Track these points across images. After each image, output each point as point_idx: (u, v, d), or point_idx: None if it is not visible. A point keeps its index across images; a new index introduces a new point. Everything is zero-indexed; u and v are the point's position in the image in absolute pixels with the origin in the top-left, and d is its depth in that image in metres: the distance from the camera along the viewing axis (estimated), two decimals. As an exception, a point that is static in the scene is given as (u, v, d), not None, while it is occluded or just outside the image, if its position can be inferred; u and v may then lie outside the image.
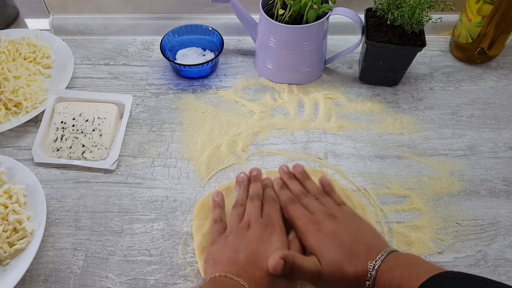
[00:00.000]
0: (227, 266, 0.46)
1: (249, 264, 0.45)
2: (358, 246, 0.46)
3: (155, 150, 0.65)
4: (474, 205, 0.59)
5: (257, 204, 0.53)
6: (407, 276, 0.40)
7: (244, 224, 0.51)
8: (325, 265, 0.45)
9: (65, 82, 0.70)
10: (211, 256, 0.49)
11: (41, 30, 0.77)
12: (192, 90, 0.72)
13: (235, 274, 0.44)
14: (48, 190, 0.61)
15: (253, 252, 0.47)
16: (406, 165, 0.63)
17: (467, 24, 0.71)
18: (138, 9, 0.80)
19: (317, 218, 0.50)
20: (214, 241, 0.51)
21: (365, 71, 0.71)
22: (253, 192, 0.55)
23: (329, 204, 0.53)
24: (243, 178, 0.58)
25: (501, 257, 0.54)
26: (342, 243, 0.47)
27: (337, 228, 0.48)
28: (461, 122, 0.68)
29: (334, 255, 0.46)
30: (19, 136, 0.67)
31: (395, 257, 0.44)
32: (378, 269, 0.43)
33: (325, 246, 0.47)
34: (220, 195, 0.57)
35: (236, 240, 0.49)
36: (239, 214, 0.53)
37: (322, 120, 0.68)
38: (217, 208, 0.56)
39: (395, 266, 0.43)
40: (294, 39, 0.66)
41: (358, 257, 0.45)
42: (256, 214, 0.52)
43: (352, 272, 0.44)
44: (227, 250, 0.48)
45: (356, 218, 0.52)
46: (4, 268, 0.52)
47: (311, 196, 0.54)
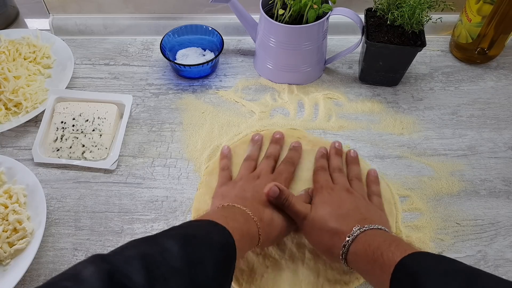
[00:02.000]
0: (235, 199, 0.51)
1: (253, 200, 0.50)
2: (355, 213, 0.48)
3: (155, 150, 0.65)
4: (474, 205, 0.59)
5: (271, 163, 0.58)
6: (388, 243, 0.41)
7: (254, 175, 0.56)
8: (314, 213, 0.49)
9: (65, 82, 0.70)
10: (220, 193, 0.54)
11: (41, 30, 0.77)
12: (192, 90, 0.72)
13: (242, 205, 0.48)
14: (48, 190, 0.61)
15: (258, 193, 0.51)
16: (406, 165, 0.63)
17: (467, 24, 0.71)
18: (138, 9, 0.80)
19: (334, 187, 0.53)
20: (223, 183, 0.56)
21: (365, 71, 0.71)
22: (270, 152, 0.60)
23: (357, 186, 0.55)
24: (258, 138, 0.62)
25: (501, 257, 0.54)
26: (340, 206, 0.49)
27: (346, 198, 0.51)
28: (461, 122, 0.68)
29: (327, 209, 0.49)
30: (19, 136, 0.67)
31: (384, 232, 0.45)
32: (362, 232, 0.45)
33: (324, 202, 0.50)
34: (228, 149, 0.62)
35: (245, 184, 0.54)
36: (250, 166, 0.58)
37: (322, 120, 0.68)
38: (225, 159, 0.61)
39: (380, 234, 0.44)
40: (294, 39, 0.66)
41: (348, 219, 0.47)
42: (268, 170, 0.56)
43: (335, 226, 0.47)
44: (236, 189, 0.53)
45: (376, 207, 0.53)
46: (4, 268, 0.52)
47: (345, 175, 0.57)
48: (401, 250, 0.40)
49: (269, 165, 0.57)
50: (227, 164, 0.60)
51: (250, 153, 0.60)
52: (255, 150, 0.61)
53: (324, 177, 0.55)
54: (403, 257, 0.39)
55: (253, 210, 0.48)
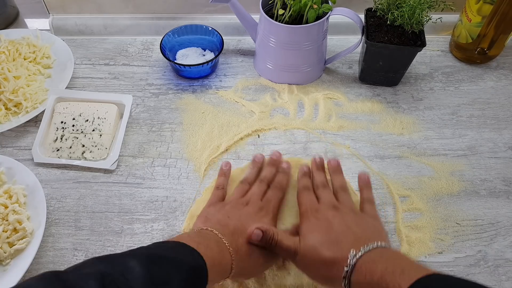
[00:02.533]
0: (216, 225, 0.48)
1: (235, 231, 0.48)
2: (347, 235, 0.45)
3: (155, 150, 0.65)
4: (474, 205, 0.59)
5: (263, 188, 0.55)
6: (391, 270, 0.39)
7: (243, 201, 0.53)
8: (303, 245, 0.46)
9: (65, 82, 0.70)
10: (204, 214, 0.52)
11: (41, 30, 0.77)
12: (192, 90, 0.72)
13: (220, 233, 0.46)
14: (48, 190, 0.61)
15: (242, 224, 0.49)
16: (406, 165, 0.63)
17: (467, 24, 0.71)
18: (138, 9, 0.80)
19: (319, 207, 0.50)
20: (211, 204, 0.54)
21: (365, 71, 0.71)
22: (264, 175, 0.57)
23: (343, 199, 0.52)
24: (259, 159, 0.59)
25: (501, 257, 0.54)
26: (329, 230, 0.46)
27: (333, 217, 0.48)
28: (461, 122, 0.68)
29: (316, 238, 0.46)
30: (19, 136, 0.67)
31: (382, 251, 0.43)
32: (359, 258, 0.42)
33: (312, 229, 0.47)
34: (228, 165, 0.59)
35: (231, 210, 0.51)
36: (243, 190, 0.55)
37: (322, 120, 0.68)
38: (222, 176, 0.58)
39: (380, 259, 0.41)
40: (294, 39, 0.66)
41: (340, 244, 0.44)
42: (258, 196, 0.54)
43: (329, 256, 0.44)
44: (221, 214, 0.50)
45: (367, 216, 0.50)
46: (4, 268, 0.52)
47: (330, 189, 0.54)
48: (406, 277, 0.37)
49: (261, 189, 0.54)
50: (222, 183, 0.57)
51: (247, 176, 0.57)
52: (253, 173, 0.58)
53: (308, 198, 0.52)
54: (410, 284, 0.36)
55: (232, 240, 0.46)
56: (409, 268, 0.39)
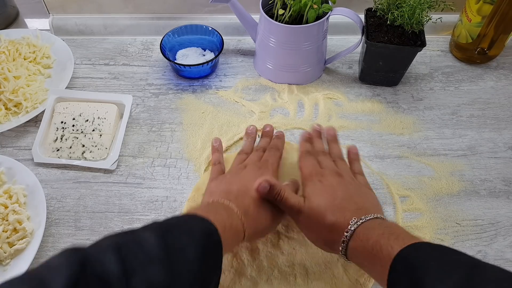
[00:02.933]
0: (221, 195, 0.49)
1: (239, 193, 0.49)
2: (349, 203, 0.47)
3: (155, 150, 0.65)
4: (474, 205, 0.59)
5: (259, 154, 0.57)
6: (386, 235, 0.41)
7: (242, 165, 0.55)
8: (308, 206, 0.47)
9: (65, 82, 0.70)
10: (209, 190, 0.53)
11: (41, 30, 0.77)
12: (192, 90, 0.72)
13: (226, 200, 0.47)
14: (48, 190, 0.61)
15: (244, 185, 0.50)
16: (406, 165, 0.63)
17: (467, 24, 0.71)
18: (138, 9, 0.80)
19: (323, 172, 0.51)
20: (213, 179, 0.55)
21: (365, 71, 0.71)
22: (259, 145, 0.59)
23: (343, 167, 0.54)
24: (252, 130, 0.62)
25: (501, 257, 0.54)
26: (334, 195, 0.48)
27: (338, 184, 0.49)
28: (461, 122, 0.68)
29: (321, 201, 0.47)
30: (19, 136, 0.67)
31: (380, 221, 0.45)
32: (359, 225, 0.44)
33: (316, 193, 0.48)
34: (218, 141, 0.62)
35: (232, 177, 0.53)
36: (242, 159, 0.57)
37: (322, 120, 0.68)
38: (216, 152, 0.60)
39: (378, 226, 0.43)
40: (294, 39, 0.66)
41: (343, 211, 0.46)
42: (255, 160, 0.55)
43: (332, 220, 0.45)
44: (223, 184, 0.52)
45: (364, 186, 0.52)
46: (4, 268, 0.52)
47: (330, 157, 0.56)
48: (400, 242, 0.40)
49: (258, 155, 0.56)
50: (218, 158, 0.59)
51: (243, 147, 0.60)
52: (249, 143, 0.60)
53: (311, 162, 0.53)
54: (401, 249, 0.39)
55: (238, 203, 0.47)
56: (404, 235, 0.41)
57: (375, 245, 0.41)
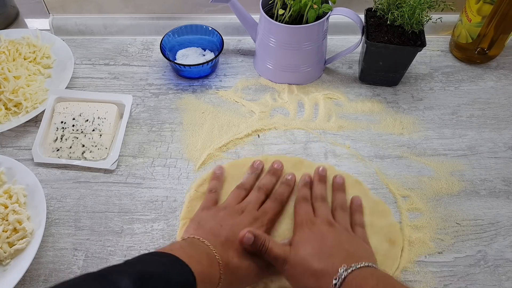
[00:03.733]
0: (208, 234, 0.48)
1: (226, 241, 0.47)
2: (339, 250, 0.45)
3: (155, 150, 0.65)
4: (474, 205, 0.59)
5: (260, 197, 0.54)
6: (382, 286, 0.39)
7: (238, 208, 0.52)
8: (294, 255, 0.46)
9: (65, 82, 0.70)
10: (197, 220, 0.51)
11: (41, 30, 0.77)
12: (192, 90, 0.72)
13: (212, 244, 0.46)
14: (48, 190, 0.61)
15: (234, 234, 0.48)
16: (406, 165, 0.63)
17: (467, 24, 0.71)
18: (138, 9, 0.80)
19: (315, 220, 0.50)
20: (205, 207, 0.54)
21: (365, 71, 0.71)
22: (263, 183, 0.56)
23: (341, 217, 0.52)
24: (257, 166, 0.59)
25: (501, 257, 0.54)
26: (323, 243, 0.46)
27: (328, 233, 0.48)
28: (461, 122, 0.68)
29: (308, 249, 0.46)
30: (19, 136, 0.67)
31: (372, 270, 0.43)
32: (350, 273, 0.42)
33: (305, 241, 0.47)
34: (221, 169, 0.59)
35: (225, 217, 0.51)
36: (239, 195, 0.55)
37: (322, 120, 0.68)
38: (215, 180, 0.58)
39: (371, 276, 0.42)
40: (294, 39, 0.66)
41: (332, 258, 0.44)
42: (254, 205, 0.53)
43: (319, 267, 0.43)
44: (214, 222, 0.50)
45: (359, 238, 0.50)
46: (4, 268, 0.52)
47: (328, 204, 0.54)
48: None
49: (258, 199, 0.54)
50: (215, 187, 0.57)
51: (244, 181, 0.57)
52: (251, 179, 0.57)
53: (305, 209, 0.52)
54: None
55: (222, 252, 0.45)
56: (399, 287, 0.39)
57: None
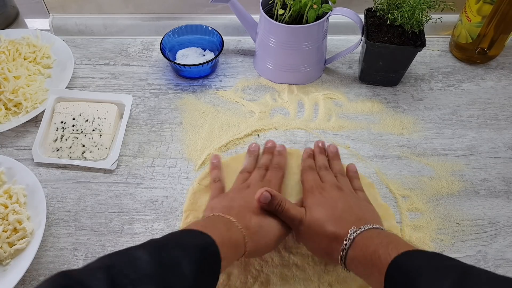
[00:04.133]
0: (222, 210, 0.49)
1: (241, 209, 0.49)
2: (349, 214, 0.48)
3: (155, 150, 0.65)
4: (474, 205, 0.59)
5: (262, 172, 0.57)
6: (385, 244, 0.42)
7: (245, 185, 0.55)
8: (309, 217, 0.49)
9: (65, 82, 0.70)
10: (210, 206, 0.53)
11: (41, 30, 0.77)
12: (192, 90, 0.72)
13: (227, 214, 0.47)
14: (48, 190, 0.61)
15: (246, 201, 0.51)
16: (406, 165, 0.63)
17: (467, 24, 0.71)
18: (138, 9, 0.80)
19: (324, 186, 0.53)
20: (214, 197, 0.56)
21: (365, 71, 0.71)
22: (261, 163, 0.59)
23: (344, 182, 0.55)
24: (254, 148, 0.62)
25: (501, 257, 0.54)
26: (334, 207, 0.49)
27: (338, 196, 0.51)
28: (461, 122, 0.68)
29: (321, 212, 0.49)
30: (19, 136, 0.67)
31: (379, 231, 0.46)
32: (358, 235, 0.45)
33: (317, 204, 0.50)
34: (217, 158, 0.62)
35: (234, 195, 0.53)
36: (244, 178, 0.57)
37: (322, 120, 0.68)
38: (215, 169, 0.60)
39: (377, 236, 0.44)
40: (294, 39, 0.66)
41: (343, 221, 0.47)
42: (258, 179, 0.56)
43: (332, 230, 0.46)
44: (225, 201, 0.52)
45: (364, 200, 0.53)
46: (4, 268, 0.52)
47: (331, 172, 0.57)
48: (397, 249, 0.40)
49: (260, 174, 0.56)
50: (218, 175, 0.59)
51: (246, 165, 0.59)
52: (251, 162, 0.60)
53: (312, 176, 0.55)
54: (397, 255, 0.40)
55: (239, 218, 0.47)
56: (402, 244, 0.42)
57: (374, 254, 0.42)
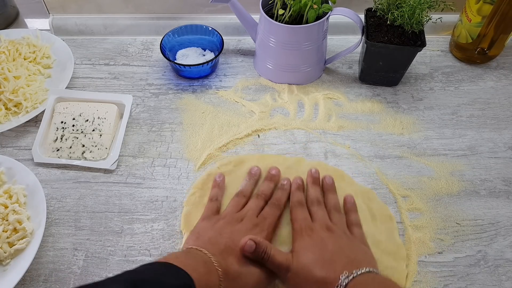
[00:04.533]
0: (206, 244, 0.47)
1: (226, 249, 0.47)
2: (340, 256, 0.46)
3: (155, 150, 0.65)
4: (474, 205, 0.59)
5: (260, 204, 0.54)
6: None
7: (238, 216, 0.52)
8: (296, 262, 0.46)
9: (65, 82, 0.70)
10: (197, 230, 0.51)
11: (41, 30, 0.77)
12: (192, 90, 0.72)
13: (210, 252, 0.45)
14: (48, 190, 0.61)
15: (233, 241, 0.48)
16: (406, 165, 0.63)
17: (467, 24, 0.71)
18: (138, 9, 0.80)
19: (313, 226, 0.50)
20: (205, 217, 0.53)
21: (365, 71, 0.71)
22: (262, 191, 0.56)
23: (337, 219, 0.52)
24: (255, 172, 0.59)
25: (501, 257, 0.54)
26: (324, 249, 0.46)
27: (328, 238, 0.48)
28: (461, 122, 0.68)
29: (309, 256, 0.46)
30: (19, 136, 0.67)
31: (373, 276, 0.43)
32: (351, 280, 0.42)
33: (305, 248, 0.47)
34: (222, 177, 0.59)
35: (224, 226, 0.50)
36: (239, 203, 0.54)
37: (322, 120, 0.68)
38: (216, 188, 0.58)
39: (372, 282, 0.42)
40: (294, 39, 0.66)
41: (334, 265, 0.44)
42: (254, 212, 0.53)
43: (321, 275, 0.44)
44: (213, 231, 0.50)
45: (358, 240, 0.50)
46: (4, 268, 0.52)
47: (324, 208, 0.54)
48: None
49: (257, 206, 0.54)
50: (216, 195, 0.56)
51: (243, 188, 0.57)
52: (249, 185, 0.57)
53: (302, 215, 0.52)
54: None
55: (220, 260, 0.45)
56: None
57: None
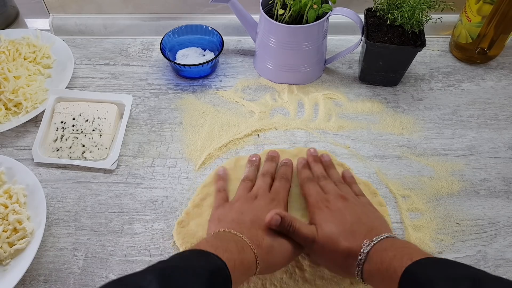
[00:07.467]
0: (232, 224, 0.49)
1: (252, 225, 0.48)
2: (359, 226, 0.48)
3: (155, 150, 0.65)
4: (474, 205, 0.59)
5: (268, 181, 0.56)
6: (399, 256, 0.41)
7: (252, 195, 0.54)
8: (321, 234, 0.48)
9: (65, 82, 0.70)
10: (216, 216, 0.52)
11: (41, 30, 0.77)
12: (192, 90, 0.72)
13: (238, 231, 0.47)
14: (48, 190, 0.61)
15: (257, 216, 0.49)
16: (406, 165, 0.63)
17: (467, 24, 0.71)
18: (138, 9, 0.80)
19: (328, 197, 0.52)
20: (219, 206, 0.54)
21: (365, 71, 0.71)
22: (265, 170, 0.58)
23: (345, 190, 0.55)
24: (256, 158, 0.61)
25: (501, 257, 0.54)
26: (344, 220, 0.48)
27: (344, 207, 0.50)
28: (461, 122, 0.68)
29: (333, 228, 0.48)
30: (19, 136, 0.67)
31: (392, 241, 0.45)
32: (372, 248, 0.44)
33: (327, 220, 0.49)
34: (223, 170, 0.60)
35: (242, 206, 0.52)
36: (247, 187, 0.56)
37: (322, 120, 0.68)
38: (221, 180, 0.59)
39: (390, 247, 0.44)
40: (294, 39, 0.66)
41: (355, 235, 0.47)
42: (265, 188, 0.55)
43: (346, 246, 0.46)
44: (233, 212, 0.51)
45: (369, 205, 0.53)
46: (4, 268, 0.52)
47: (331, 180, 0.56)
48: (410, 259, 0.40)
49: (266, 182, 0.56)
50: (223, 186, 0.58)
51: (247, 173, 0.59)
52: (253, 170, 0.59)
53: (314, 189, 0.54)
54: (409, 264, 0.39)
55: (251, 236, 0.46)
56: (415, 253, 0.41)
57: (389, 267, 0.41)
